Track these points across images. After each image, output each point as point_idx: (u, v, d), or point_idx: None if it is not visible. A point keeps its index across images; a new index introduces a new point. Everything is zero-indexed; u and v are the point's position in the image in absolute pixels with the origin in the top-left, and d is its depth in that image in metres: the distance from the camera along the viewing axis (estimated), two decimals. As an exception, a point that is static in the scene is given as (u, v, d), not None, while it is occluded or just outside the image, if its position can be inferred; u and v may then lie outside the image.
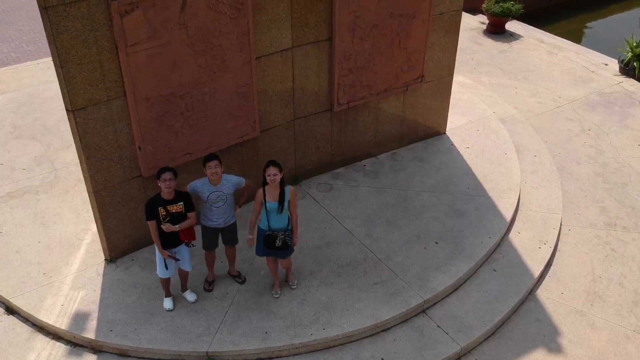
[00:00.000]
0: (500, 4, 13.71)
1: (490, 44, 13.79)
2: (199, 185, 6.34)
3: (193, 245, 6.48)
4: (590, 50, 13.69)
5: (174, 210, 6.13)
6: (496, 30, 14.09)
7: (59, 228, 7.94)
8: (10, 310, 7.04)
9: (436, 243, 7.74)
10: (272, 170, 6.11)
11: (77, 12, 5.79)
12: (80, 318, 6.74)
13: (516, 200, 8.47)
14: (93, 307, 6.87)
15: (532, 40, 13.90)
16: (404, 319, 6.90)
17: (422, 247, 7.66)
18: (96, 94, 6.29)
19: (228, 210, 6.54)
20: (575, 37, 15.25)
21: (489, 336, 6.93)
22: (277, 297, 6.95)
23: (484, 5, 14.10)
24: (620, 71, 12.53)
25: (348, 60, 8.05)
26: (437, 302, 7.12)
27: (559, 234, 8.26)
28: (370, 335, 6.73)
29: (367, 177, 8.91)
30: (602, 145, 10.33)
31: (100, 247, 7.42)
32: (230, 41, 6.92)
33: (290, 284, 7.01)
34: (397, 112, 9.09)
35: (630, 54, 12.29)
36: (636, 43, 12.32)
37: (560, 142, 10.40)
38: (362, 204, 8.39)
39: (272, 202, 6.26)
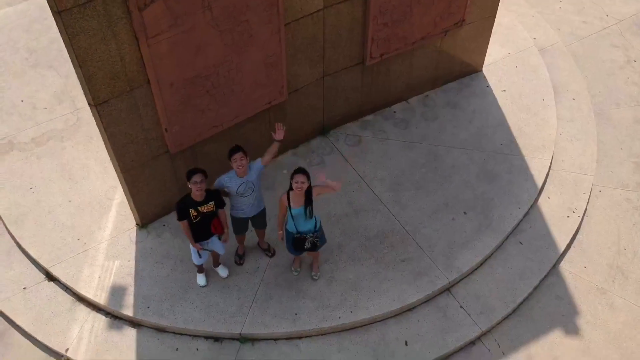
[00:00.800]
0: None
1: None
2: (226, 180, 6.19)
3: (225, 240, 6.52)
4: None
5: (205, 210, 6.09)
6: None
7: (87, 185, 7.93)
8: (51, 277, 7.30)
9: (465, 213, 7.71)
10: (300, 177, 5.90)
11: (93, 11, 5.25)
12: (117, 292, 7.01)
13: (549, 161, 8.26)
14: (129, 280, 7.11)
15: None
16: (429, 299, 7.10)
17: (451, 218, 7.64)
18: (118, 86, 5.92)
19: (257, 198, 6.46)
20: None
21: (511, 313, 7.17)
22: (297, 275, 7.09)
23: None
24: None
25: (384, 14, 7.37)
26: (461, 279, 7.26)
27: (588, 199, 8.14)
28: (395, 315, 6.97)
29: (397, 128, 8.62)
30: None
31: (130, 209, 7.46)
32: (257, 14, 6.32)
33: (313, 274, 7.08)
34: (433, 57, 8.52)
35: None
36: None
37: (602, 77, 9.83)
38: (391, 161, 8.22)
39: (297, 209, 6.14)
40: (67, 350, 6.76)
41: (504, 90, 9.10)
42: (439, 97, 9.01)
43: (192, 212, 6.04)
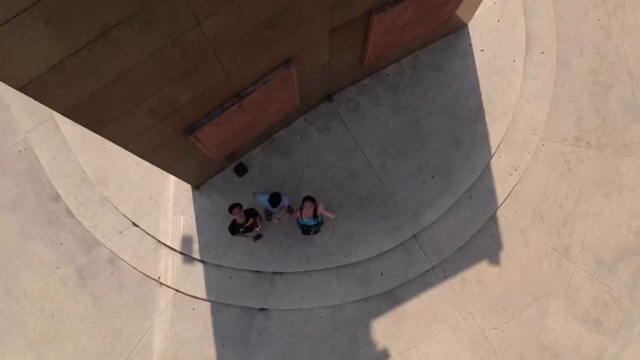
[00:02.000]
0: None
1: None
2: (264, 203, 8.92)
3: (261, 235, 9.54)
4: None
5: (247, 225, 9.02)
6: None
7: None
8: (134, 223, 10.52)
9: (432, 177, 10.44)
10: (308, 204, 8.54)
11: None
12: (187, 240, 10.33)
13: (506, 127, 10.57)
14: (192, 232, 10.35)
15: None
16: (398, 243, 10.42)
17: (422, 182, 10.42)
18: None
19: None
20: None
21: (455, 251, 10.57)
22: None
23: None
24: None
25: (383, 37, 8.87)
26: (423, 230, 10.46)
27: (531, 155, 10.73)
28: (375, 256, 10.41)
29: (388, 93, 10.63)
30: (612, 27, 11.19)
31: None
32: (280, 96, 8.21)
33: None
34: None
35: None
36: None
37: (575, 20, 11.20)
38: (381, 128, 10.53)
39: (306, 219, 9.00)
40: (159, 277, 10.38)
41: (483, 50, 10.73)
42: (426, 57, 10.71)
43: (241, 229, 8.95)
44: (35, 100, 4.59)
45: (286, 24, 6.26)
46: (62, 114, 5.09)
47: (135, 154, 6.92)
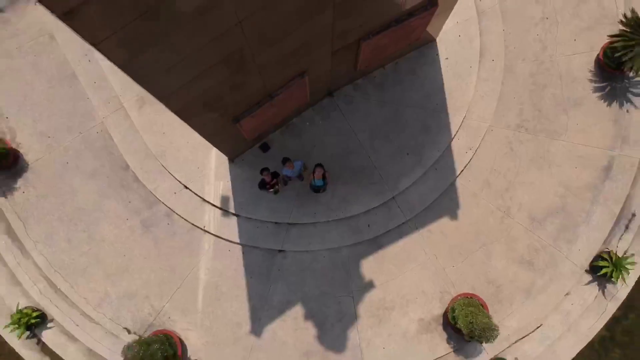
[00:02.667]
0: None
1: None
2: (288, 173, 12.54)
3: (278, 191, 13.18)
4: None
5: (272, 183, 12.64)
6: None
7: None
8: (186, 187, 14.16)
9: (407, 154, 14.03)
10: (319, 169, 12.19)
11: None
12: (225, 199, 13.97)
13: (463, 117, 14.13)
14: (229, 193, 13.99)
15: None
16: (382, 203, 14.05)
17: (400, 158, 14.00)
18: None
19: (299, 173, 12.91)
20: None
21: (424, 209, 14.21)
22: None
23: None
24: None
25: (369, 56, 12.44)
26: (400, 193, 14.10)
27: (482, 138, 14.31)
28: (364, 212, 14.05)
29: (376, 90, 14.16)
30: (547, 41, 14.69)
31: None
32: (296, 100, 11.78)
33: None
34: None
35: None
36: None
37: (520, 34, 14.67)
38: (370, 117, 14.08)
39: (318, 180, 12.62)
40: (204, 226, 14.04)
41: (447, 58, 14.26)
42: (404, 64, 14.23)
43: (266, 186, 12.58)
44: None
45: (304, 52, 9.81)
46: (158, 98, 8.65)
47: (201, 135, 10.53)
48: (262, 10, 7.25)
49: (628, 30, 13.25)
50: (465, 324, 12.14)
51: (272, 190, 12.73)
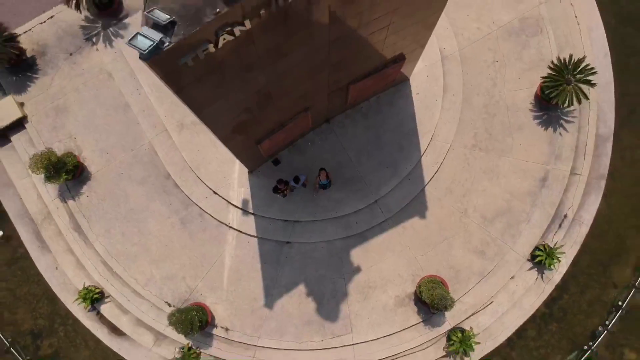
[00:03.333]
0: None
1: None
2: (296, 184, 16.65)
3: (286, 195, 17.30)
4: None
5: (283, 189, 16.74)
6: None
7: (222, 149, 18.24)
8: (215, 192, 18.26)
9: (387, 168, 18.15)
10: (322, 172, 16.29)
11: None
12: (245, 202, 18.05)
13: (430, 139, 18.26)
14: (249, 197, 18.08)
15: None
16: (366, 205, 18.15)
17: (381, 170, 18.12)
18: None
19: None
20: None
21: (399, 210, 18.30)
22: (316, 195, 18.02)
23: None
24: None
25: (358, 91, 16.59)
26: (381, 197, 18.19)
27: (445, 155, 18.44)
28: (352, 213, 18.14)
29: (362, 118, 18.30)
30: (497, 79, 18.85)
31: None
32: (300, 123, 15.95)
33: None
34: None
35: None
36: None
37: (475, 74, 18.84)
38: (358, 139, 18.20)
39: (323, 180, 16.70)
40: (229, 223, 18.12)
41: (418, 93, 18.41)
42: (385, 97, 18.37)
43: (278, 190, 16.67)
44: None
45: (308, 96, 13.95)
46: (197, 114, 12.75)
47: (232, 152, 14.64)
48: (283, 75, 11.38)
49: (554, 73, 17.42)
50: (428, 295, 16.19)
51: (282, 194, 16.80)
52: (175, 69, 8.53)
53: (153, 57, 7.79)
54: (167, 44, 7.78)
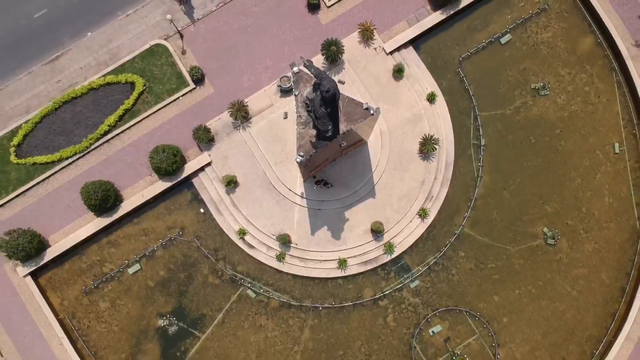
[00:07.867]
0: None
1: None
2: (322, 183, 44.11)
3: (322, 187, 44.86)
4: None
5: (320, 184, 44.09)
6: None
7: (294, 173, 45.68)
8: (290, 189, 45.74)
9: (357, 178, 45.57)
10: (320, 183, 43.67)
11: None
12: (301, 191, 45.65)
13: (375, 166, 45.78)
14: (303, 189, 45.62)
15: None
16: (350, 193, 45.60)
17: (353, 178, 45.54)
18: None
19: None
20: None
21: (360, 189, 45.79)
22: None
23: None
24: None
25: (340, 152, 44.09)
26: (356, 191, 45.65)
27: (382, 173, 45.87)
28: (346, 196, 45.62)
29: (347, 158, 45.67)
30: (404, 141, 46.25)
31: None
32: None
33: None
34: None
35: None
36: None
37: (394, 138, 46.15)
38: (345, 166, 45.49)
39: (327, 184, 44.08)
40: (296, 201, 45.63)
41: (370, 148, 45.85)
42: (355, 151, 45.75)
43: (316, 186, 44.03)
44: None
45: (330, 156, 41.34)
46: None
47: (301, 172, 41.96)
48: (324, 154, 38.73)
49: (423, 141, 45.05)
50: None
51: (318, 187, 44.02)
52: (302, 163, 35.88)
53: (301, 162, 35.05)
54: (301, 159, 35.15)
